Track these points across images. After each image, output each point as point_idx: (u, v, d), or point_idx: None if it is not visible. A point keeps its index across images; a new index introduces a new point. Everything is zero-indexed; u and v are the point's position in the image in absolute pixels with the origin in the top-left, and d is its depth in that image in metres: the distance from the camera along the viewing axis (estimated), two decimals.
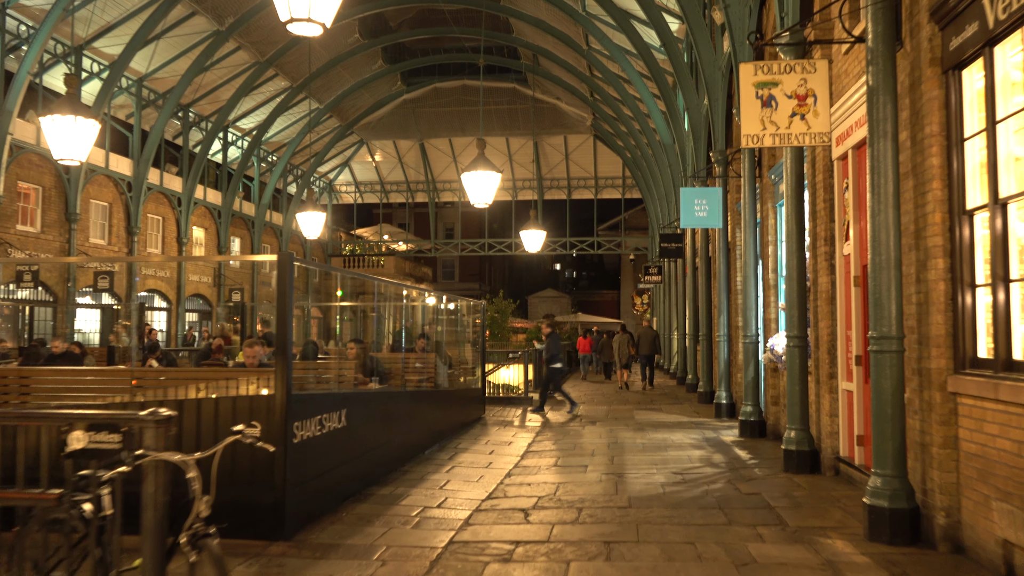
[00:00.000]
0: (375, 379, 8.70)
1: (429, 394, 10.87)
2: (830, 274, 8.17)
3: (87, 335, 23.92)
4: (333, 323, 37.18)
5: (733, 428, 12.42)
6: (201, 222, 29.94)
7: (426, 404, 10.58)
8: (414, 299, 12.93)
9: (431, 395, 10.98)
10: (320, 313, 39.51)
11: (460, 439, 11.69)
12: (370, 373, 8.95)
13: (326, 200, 42.97)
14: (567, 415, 15.06)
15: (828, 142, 6.57)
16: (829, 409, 8.12)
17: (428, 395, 10.80)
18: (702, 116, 16.78)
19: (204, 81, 27.27)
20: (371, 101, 35.66)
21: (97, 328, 24.40)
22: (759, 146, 6.48)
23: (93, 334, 24.06)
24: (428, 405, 10.67)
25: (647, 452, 10.23)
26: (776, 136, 6.42)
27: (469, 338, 15.56)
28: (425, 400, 10.58)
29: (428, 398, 10.77)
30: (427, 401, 10.66)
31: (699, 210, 11.74)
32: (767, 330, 11.28)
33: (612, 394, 19.93)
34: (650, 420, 13.92)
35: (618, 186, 41.20)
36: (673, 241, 18.52)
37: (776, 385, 10.98)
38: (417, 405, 10.07)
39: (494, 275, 70.85)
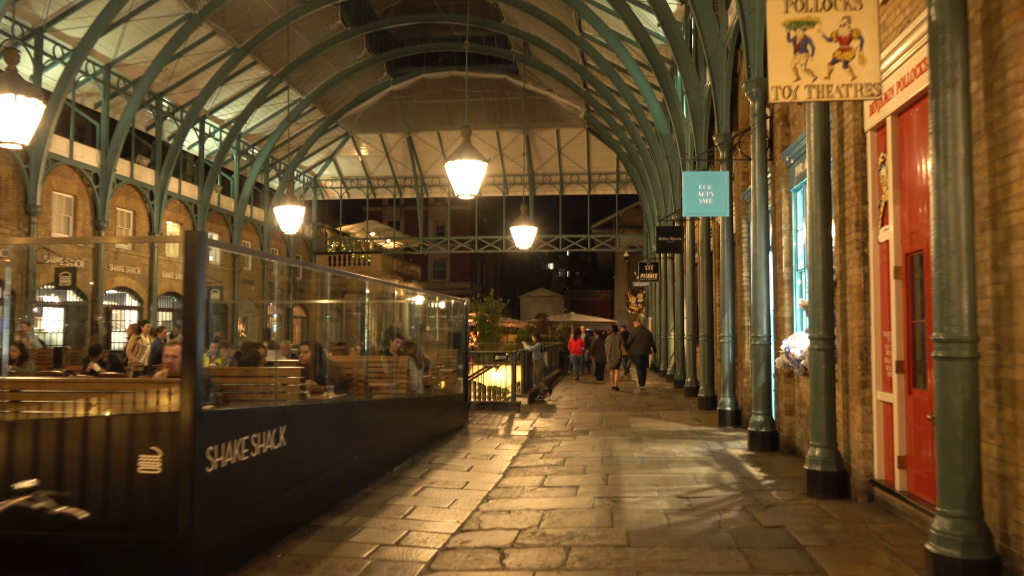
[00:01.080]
0: (330, 387, 7.46)
1: (401, 402, 9.62)
2: (862, 265, 6.96)
3: (50, 335, 22.58)
4: (312, 324, 35.85)
5: (740, 439, 11.21)
6: (176, 217, 28.61)
7: (397, 414, 9.33)
8: (389, 297, 11.69)
9: (403, 403, 9.73)
10: (304, 313, 38.21)
11: (437, 452, 10.46)
12: (326, 380, 7.71)
13: (311, 196, 41.64)
14: (556, 420, 13.85)
15: (878, 95, 5.35)
16: (861, 424, 6.91)
17: (399, 404, 9.56)
18: (703, 100, 15.59)
19: (177, 69, 25.94)
20: (356, 92, 34.37)
21: (62, 328, 23.07)
22: (790, 100, 5.25)
23: (56, 334, 22.72)
24: (399, 415, 9.43)
25: (646, 469, 9.00)
26: (812, 88, 5.20)
27: (451, 339, 14.32)
28: (396, 409, 9.33)
29: (399, 407, 9.52)
30: (398, 410, 9.42)
31: (703, 196, 10.54)
32: (779, 331, 10.08)
33: (605, 398, 18.71)
34: (648, 429, 12.71)
35: (612, 182, 40.00)
36: (671, 235, 17.30)
37: (791, 392, 9.78)
38: (385, 416, 8.83)
39: (486, 274, 69.66)
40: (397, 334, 11.20)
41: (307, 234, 40.73)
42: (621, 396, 19.06)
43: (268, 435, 5.60)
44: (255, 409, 5.73)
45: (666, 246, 17.35)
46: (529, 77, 33.09)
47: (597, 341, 26.00)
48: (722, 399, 12.86)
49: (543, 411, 15.86)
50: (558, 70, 30.37)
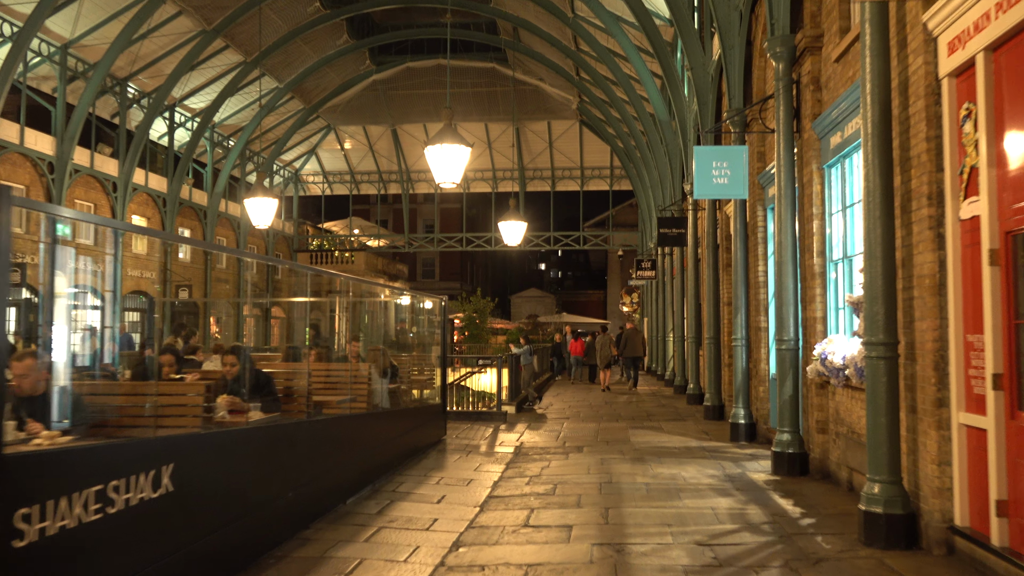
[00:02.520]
0: (257, 406, 5.87)
1: (359, 419, 8.03)
2: (936, 250, 5.41)
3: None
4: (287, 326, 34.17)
5: (760, 459, 9.66)
6: (143, 211, 26.88)
7: (353, 433, 7.74)
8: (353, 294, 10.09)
9: (362, 420, 8.14)
10: (283, 313, 36.52)
11: (405, 476, 8.86)
12: (254, 395, 6.11)
13: (292, 191, 39.93)
14: (546, 433, 12.28)
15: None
16: (936, 454, 5.36)
17: (357, 420, 7.96)
18: (709, 76, 14.05)
19: (142, 52, 24.25)
20: (337, 81, 32.71)
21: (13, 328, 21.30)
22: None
23: None
24: (357, 434, 7.84)
25: (653, 500, 7.43)
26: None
27: (427, 342, 12.75)
28: (352, 428, 7.74)
29: (357, 424, 7.93)
30: (355, 429, 7.82)
31: (718, 176, 8.99)
32: (808, 333, 8.53)
33: (600, 405, 17.15)
34: (650, 444, 11.15)
35: (606, 177, 38.44)
36: (673, 226, 15.73)
37: (824, 406, 8.23)
38: (336, 436, 7.23)
39: (476, 274, 68.16)
40: (358, 338, 9.60)
41: (287, 231, 39.05)
42: (617, 404, 17.50)
43: (141, 480, 4.00)
44: (116, 445, 4.13)
45: (668, 239, 15.78)
46: (519, 65, 31.52)
47: (589, 343, 24.79)
48: (734, 410, 11.32)
49: (532, 421, 14.29)
50: (550, 57, 28.81)
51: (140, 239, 26.67)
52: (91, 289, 19.07)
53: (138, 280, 26.10)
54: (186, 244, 32.40)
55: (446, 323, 11.94)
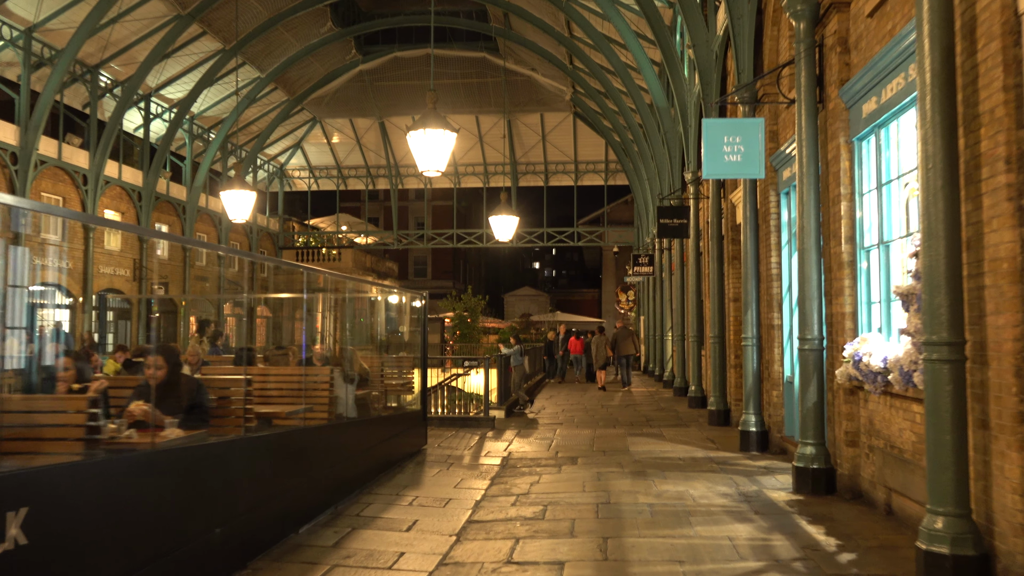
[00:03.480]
0: (172, 421, 4.76)
1: (316, 432, 6.91)
2: (1018, 226, 4.33)
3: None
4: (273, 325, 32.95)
5: (776, 473, 8.59)
6: (116, 205, 25.67)
7: (309, 449, 6.63)
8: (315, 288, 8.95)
9: (321, 433, 7.02)
10: (269, 312, 35.30)
11: (374, 495, 7.76)
12: (179, 406, 4.99)
13: (277, 187, 38.73)
14: (537, 441, 11.20)
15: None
16: (1019, 481, 4.28)
17: (312, 434, 6.85)
18: (712, 53, 12.97)
19: (113, 37, 23.05)
20: (322, 72, 31.53)
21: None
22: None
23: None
24: (313, 450, 6.73)
25: (659, 527, 6.35)
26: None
27: (405, 342, 11.65)
28: (305, 443, 6.62)
29: (312, 439, 6.81)
30: (310, 444, 6.71)
31: (730, 152, 7.90)
32: (835, 331, 7.45)
33: (596, 409, 16.07)
34: (652, 455, 10.06)
35: (600, 171, 37.35)
36: (674, 216, 14.63)
37: (854, 415, 7.15)
38: (286, 454, 6.12)
39: (469, 273, 67.08)
40: (322, 339, 8.48)
41: (272, 227, 37.86)
42: (614, 407, 16.42)
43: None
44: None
45: (668, 230, 14.68)
46: (510, 55, 30.39)
47: (587, 342, 23.92)
48: (744, 417, 10.24)
49: (522, 427, 13.20)
50: (542, 45, 27.70)
51: (114, 234, 25.48)
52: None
53: (111, 278, 24.92)
54: (114, 228, 31.10)
55: (426, 321, 10.83)
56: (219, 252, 16.94)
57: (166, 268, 28.23)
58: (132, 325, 25.61)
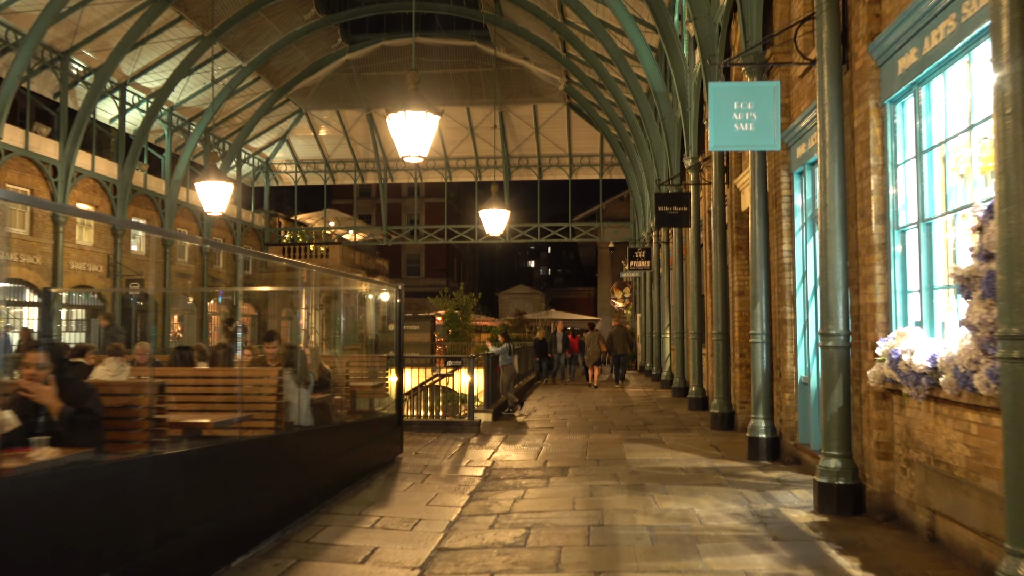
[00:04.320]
0: (42, 440, 3.72)
1: (256, 445, 5.88)
2: None
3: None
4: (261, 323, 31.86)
5: (791, 486, 7.58)
6: (89, 199, 24.55)
7: (245, 465, 5.60)
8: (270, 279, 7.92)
9: (263, 446, 5.99)
10: (255, 311, 34.24)
11: (333, 515, 6.74)
12: (62, 418, 3.96)
13: (263, 181, 37.62)
14: (524, 449, 10.19)
15: None
16: None
17: (252, 448, 5.81)
18: (716, 27, 11.97)
19: (84, 22, 21.94)
20: (307, 61, 30.44)
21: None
22: None
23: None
24: (252, 466, 5.70)
25: (661, 558, 5.34)
26: None
27: (378, 339, 10.63)
28: (242, 458, 5.59)
29: (251, 453, 5.78)
30: (249, 459, 5.68)
31: (740, 120, 6.89)
32: (863, 325, 6.45)
33: (590, 411, 15.06)
34: (650, 464, 9.06)
35: (595, 165, 36.32)
36: (674, 203, 13.59)
37: (887, 423, 6.15)
38: (210, 474, 5.09)
39: (463, 271, 66.08)
40: (273, 335, 7.44)
41: (258, 223, 36.76)
42: (609, 409, 15.41)
43: None
44: None
45: (667, 218, 13.65)
46: (502, 43, 29.34)
47: (581, 340, 22.96)
48: (752, 422, 9.24)
49: (510, 432, 12.19)
50: (535, 32, 26.66)
51: (87, 229, 24.39)
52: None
53: (83, 274, 23.83)
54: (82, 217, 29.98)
55: (402, 317, 9.80)
56: (160, 237, 15.91)
57: (143, 264, 27.13)
58: (136, 323, 24.50)
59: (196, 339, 28.79)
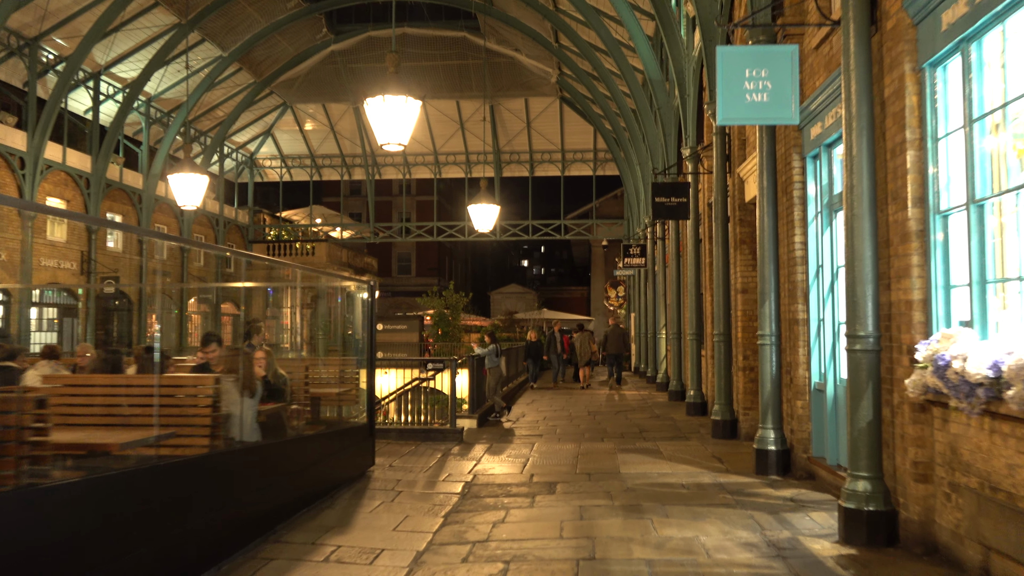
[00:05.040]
0: None
1: (179, 469, 4.94)
2: None
3: None
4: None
5: (808, 508, 6.70)
6: (60, 192, 23.53)
7: (168, 491, 4.67)
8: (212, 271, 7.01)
9: (191, 468, 5.05)
10: (236, 309, 33.20)
11: (282, 545, 5.83)
12: None
13: (247, 177, 36.61)
14: (510, 460, 9.29)
15: None
16: None
17: (175, 472, 4.87)
18: (719, 2, 11.08)
19: (53, 7, 20.94)
20: (291, 52, 29.47)
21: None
22: None
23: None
24: (177, 492, 4.77)
25: None
26: None
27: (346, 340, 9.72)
28: (161, 484, 4.66)
29: (176, 477, 4.84)
30: (171, 484, 4.74)
31: (753, 90, 5.99)
32: (897, 325, 5.57)
33: (582, 416, 14.16)
34: (648, 479, 8.17)
35: (588, 160, 35.42)
36: (672, 194, 12.68)
37: (926, 440, 5.26)
38: (115, 506, 4.16)
39: (456, 270, 65.18)
40: (214, 337, 6.52)
41: (242, 220, 35.74)
42: (602, 415, 14.51)
43: None
44: None
45: (665, 210, 12.75)
46: (492, 34, 28.43)
47: (571, 341, 21.98)
48: (760, 432, 8.35)
49: (495, 440, 11.29)
50: (526, 22, 25.76)
51: (59, 224, 23.37)
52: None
53: (55, 271, 22.81)
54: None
55: (374, 314, 8.88)
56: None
57: (119, 262, 26.12)
58: (80, 322, 23.52)
59: (176, 340, 27.79)
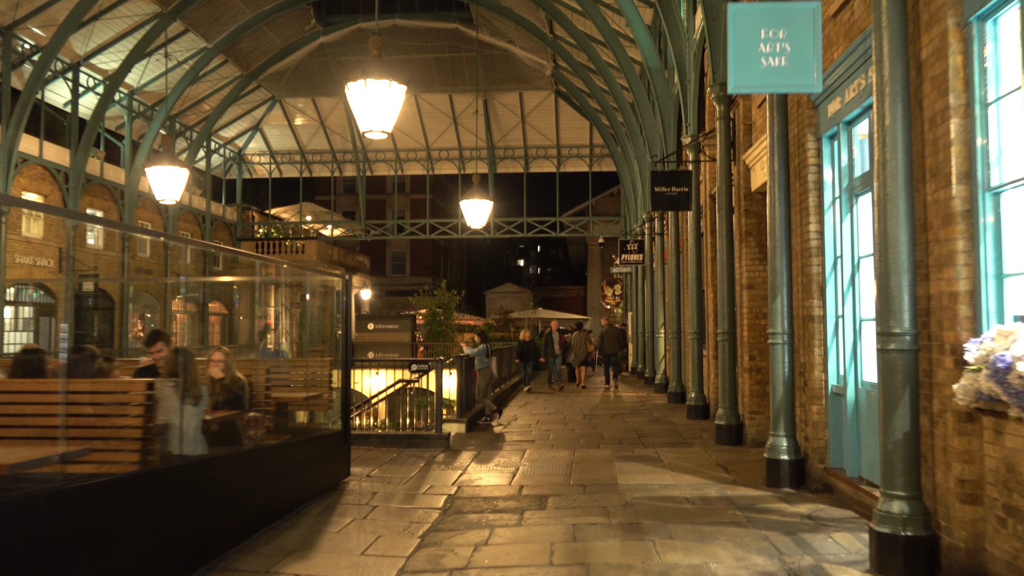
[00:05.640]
0: None
1: (95, 492, 4.16)
2: None
3: None
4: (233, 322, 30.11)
5: (830, 528, 5.96)
6: (38, 187, 22.71)
7: (77, 522, 3.91)
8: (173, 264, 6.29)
9: (111, 491, 4.28)
10: (225, 309, 32.45)
11: (231, 572, 5.08)
12: None
13: (235, 173, 35.80)
14: (498, 469, 8.54)
15: None
16: None
17: (86, 496, 4.10)
18: None
19: None
20: (279, 44, 28.68)
21: None
22: None
23: None
24: (90, 522, 4.01)
25: None
26: None
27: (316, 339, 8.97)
28: (68, 513, 3.89)
29: (86, 504, 4.07)
30: (82, 514, 3.98)
31: (769, 53, 5.24)
32: (935, 321, 4.84)
33: (577, 420, 13.42)
34: (648, 491, 7.43)
35: (584, 156, 34.68)
36: (673, 183, 11.92)
37: (974, 455, 4.53)
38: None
39: (451, 269, 64.45)
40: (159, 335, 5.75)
41: (230, 216, 34.93)
42: (598, 417, 13.78)
43: None
44: None
45: (665, 200, 11.98)
46: (485, 25, 27.68)
47: (566, 341, 21.22)
48: (771, 440, 7.62)
49: (484, 447, 10.54)
50: (520, 13, 25.00)
51: (36, 220, 22.56)
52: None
53: (31, 268, 22.00)
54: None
55: (350, 311, 8.13)
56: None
57: (99, 258, 25.30)
58: (56, 321, 22.70)
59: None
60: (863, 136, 6.75)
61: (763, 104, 9.34)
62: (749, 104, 10.46)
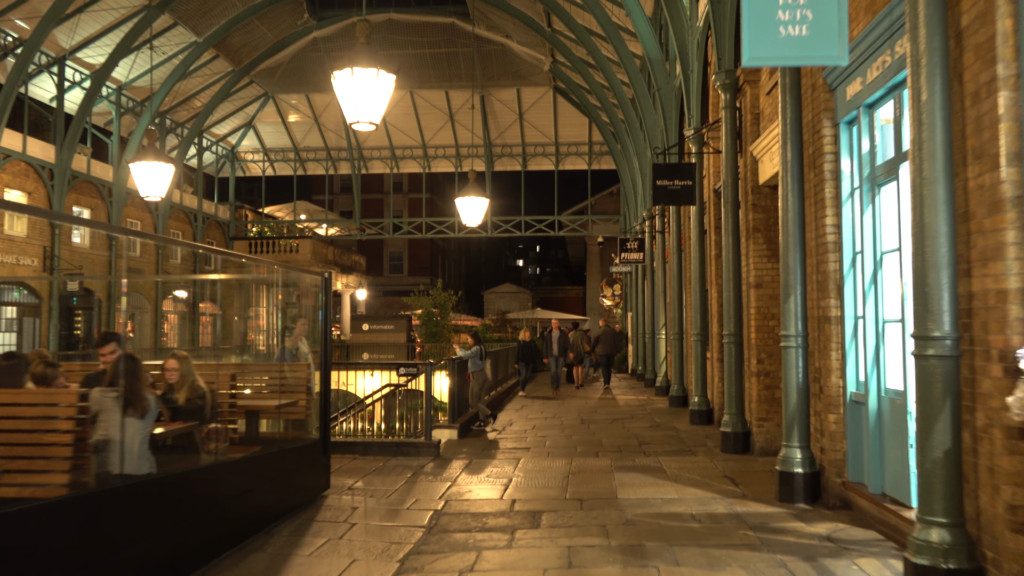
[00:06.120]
0: None
1: (21, 519, 3.58)
2: None
3: None
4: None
5: (853, 551, 5.38)
6: (21, 184, 22.09)
7: None
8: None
9: (21, 523, 3.69)
10: (219, 310, 31.85)
11: None
12: None
13: (227, 171, 35.19)
14: (490, 481, 7.96)
15: None
16: None
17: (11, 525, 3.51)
18: None
19: None
20: (271, 39, 28.08)
21: None
22: None
23: None
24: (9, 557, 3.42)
25: None
26: None
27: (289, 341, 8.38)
28: None
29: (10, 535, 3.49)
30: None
31: (788, 20, 4.64)
32: (976, 324, 4.25)
33: (574, 426, 12.82)
34: (650, 507, 6.84)
35: (583, 154, 34.09)
36: (675, 176, 11.31)
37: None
38: None
39: (449, 269, 63.81)
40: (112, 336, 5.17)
41: (222, 215, 34.33)
42: (597, 422, 13.19)
43: None
44: None
45: (667, 194, 11.37)
46: (482, 20, 27.09)
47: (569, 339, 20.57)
48: (784, 451, 7.03)
49: (476, 455, 9.95)
50: (517, 5, 24.41)
51: (19, 219, 21.96)
52: None
53: (13, 267, 21.40)
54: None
55: (329, 310, 7.54)
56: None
57: (87, 258, 24.68)
58: (42, 322, 22.11)
59: (151, 340, 26.40)
60: (886, 121, 6.18)
61: (773, 91, 8.77)
62: (757, 92, 9.89)
